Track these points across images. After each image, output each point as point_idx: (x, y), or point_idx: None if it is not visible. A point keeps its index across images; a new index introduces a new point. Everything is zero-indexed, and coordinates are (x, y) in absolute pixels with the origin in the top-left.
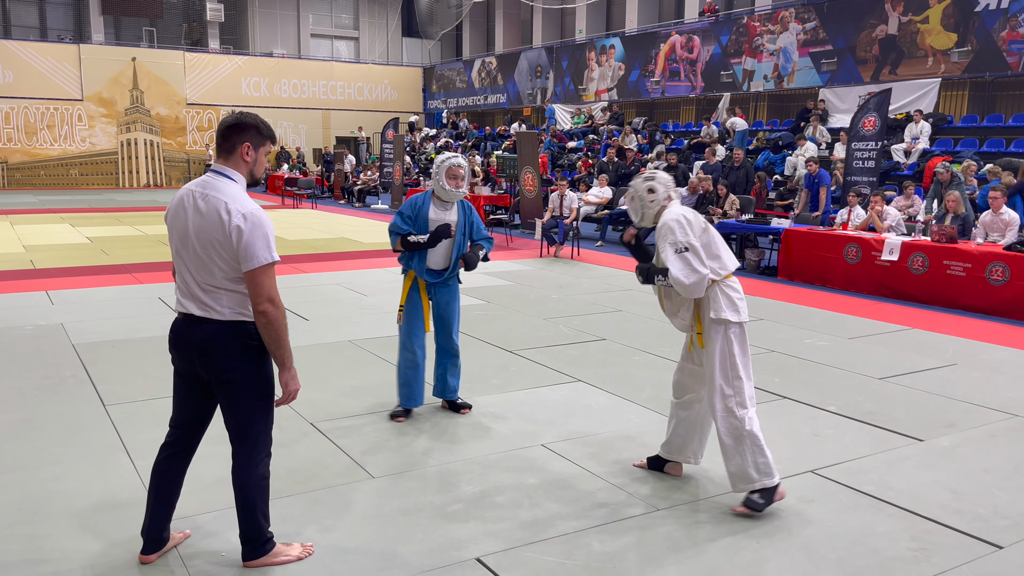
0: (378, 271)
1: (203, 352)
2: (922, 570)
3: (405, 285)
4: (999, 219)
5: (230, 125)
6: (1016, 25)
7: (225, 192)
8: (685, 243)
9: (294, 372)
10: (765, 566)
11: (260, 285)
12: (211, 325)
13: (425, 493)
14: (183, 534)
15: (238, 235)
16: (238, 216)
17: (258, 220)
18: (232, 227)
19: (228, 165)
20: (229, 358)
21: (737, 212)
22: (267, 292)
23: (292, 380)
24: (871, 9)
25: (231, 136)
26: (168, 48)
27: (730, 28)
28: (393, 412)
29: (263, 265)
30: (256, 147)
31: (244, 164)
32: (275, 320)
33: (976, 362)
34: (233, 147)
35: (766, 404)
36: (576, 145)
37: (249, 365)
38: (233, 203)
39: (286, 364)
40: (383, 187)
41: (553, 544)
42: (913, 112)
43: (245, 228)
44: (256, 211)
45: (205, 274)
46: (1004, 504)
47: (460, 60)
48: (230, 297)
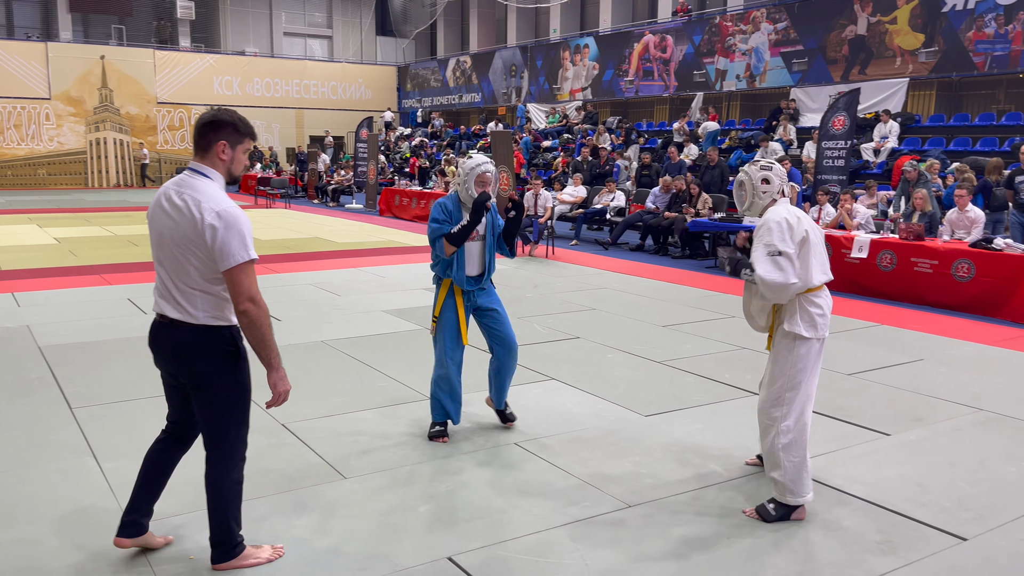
0: (352, 271)
1: (177, 356)
2: (888, 563)
3: (440, 296)
4: (965, 217)
5: (207, 122)
6: (982, 26)
7: (200, 190)
8: (779, 248)
9: (283, 373)
10: (733, 561)
11: (239, 284)
12: (185, 329)
13: (398, 493)
14: (165, 539)
15: (212, 234)
16: (211, 215)
17: (233, 218)
18: (206, 226)
19: (204, 163)
20: (203, 363)
21: (710, 211)
22: (247, 291)
23: (281, 381)
24: (840, 10)
25: (207, 134)
26: (138, 46)
27: (703, 28)
28: (434, 432)
29: (240, 264)
30: (233, 145)
31: (221, 162)
32: (257, 319)
33: (943, 357)
34: (209, 145)
35: (738, 400)
36: (551, 144)
37: (223, 371)
38: (207, 201)
39: (273, 364)
40: (357, 186)
41: (526, 543)
42: (881, 112)
43: (219, 226)
44: (231, 209)
45: (181, 275)
46: (969, 497)
47: (435, 59)
48: (204, 300)
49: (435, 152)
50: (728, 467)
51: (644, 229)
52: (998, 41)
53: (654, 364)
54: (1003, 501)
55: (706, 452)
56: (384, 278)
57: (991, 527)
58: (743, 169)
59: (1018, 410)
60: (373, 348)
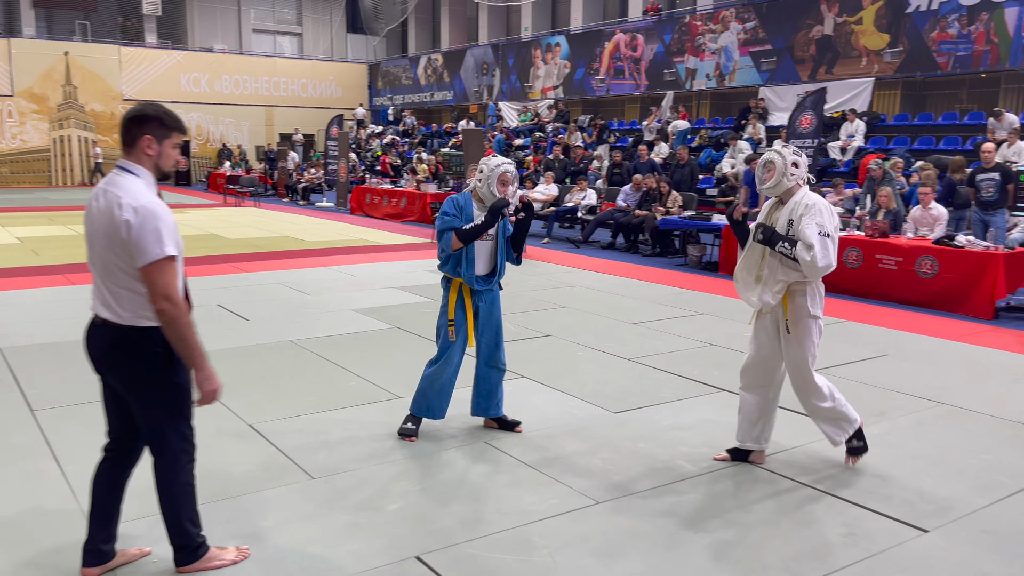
0: (322, 270)
1: (107, 358)
2: (852, 554)
3: (451, 297)
4: (928, 214)
5: (131, 118)
6: (945, 26)
7: (121, 187)
8: (830, 230)
9: (209, 371)
10: (701, 556)
11: (154, 283)
12: (114, 330)
13: (365, 493)
14: (140, 551)
15: (127, 229)
16: (128, 210)
17: (150, 213)
18: (122, 221)
19: (130, 159)
20: (132, 365)
21: (680, 209)
22: (162, 289)
23: (206, 380)
24: (808, 10)
25: (132, 129)
26: (103, 42)
27: (673, 27)
28: (403, 431)
29: (155, 261)
30: (160, 139)
31: (147, 157)
32: (174, 319)
33: (906, 352)
34: (134, 140)
35: (707, 396)
36: (523, 142)
37: (154, 373)
38: (126, 197)
39: (197, 364)
40: (328, 184)
41: (495, 540)
42: (848, 111)
43: (135, 222)
44: (150, 204)
45: (108, 274)
46: (930, 489)
47: (406, 57)
48: (130, 299)
49: (407, 150)
50: (696, 463)
51: (615, 227)
52: (961, 42)
53: (624, 361)
54: (963, 493)
55: (674, 448)
56: (355, 277)
57: (952, 519)
58: (774, 150)
59: (978, 404)
60: (343, 347)
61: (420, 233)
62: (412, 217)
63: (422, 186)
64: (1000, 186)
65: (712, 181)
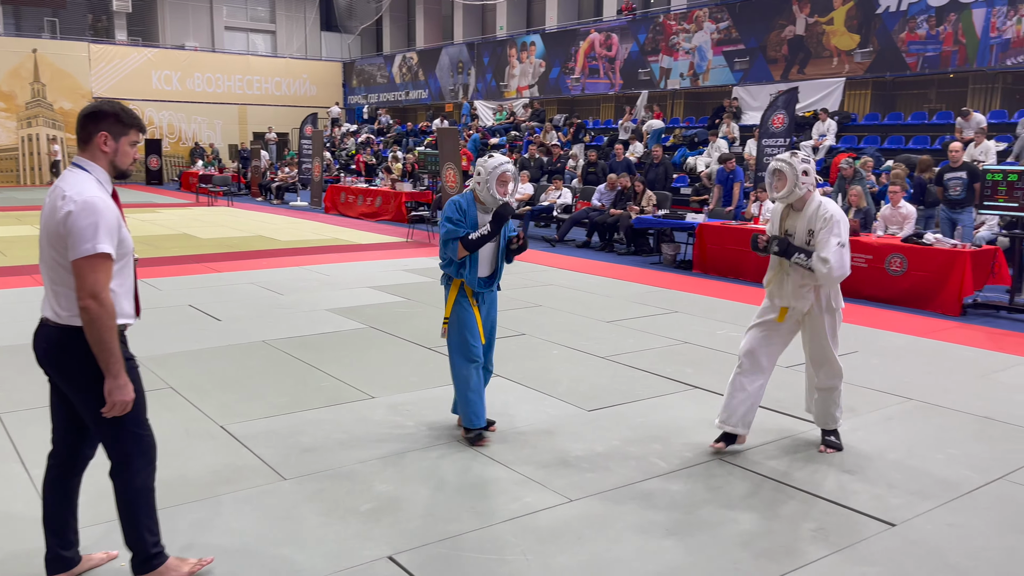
0: (296, 269)
1: (50, 359)
2: (821, 549)
3: (451, 296)
4: (897, 212)
5: (87, 114)
6: (914, 27)
7: (69, 182)
8: (845, 240)
9: (122, 381)
10: (674, 552)
11: (83, 278)
12: (54, 329)
13: (338, 493)
14: (107, 555)
15: (65, 221)
16: (70, 203)
17: (90, 207)
18: (63, 214)
19: (85, 156)
20: (75, 366)
21: (654, 208)
22: (90, 287)
23: (117, 389)
24: (780, 10)
25: (87, 126)
26: (72, 39)
27: (647, 27)
28: (474, 436)
29: (86, 256)
30: (116, 136)
31: (103, 155)
32: (97, 319)
33: (875, 349)
34: (90, 137)
35: (680, 394)
36: (499, 141)
37: (98, 374)
38: (70, 191)
39: (112, 371)
40: (302, 183)
41: (468, 540)
42: (819, 111)
43: (74, 213)
44: (93, 199)
45: (53, 272)
46: (897, 483)
47: (381, 55)
48: (69, 297)
49: (381, 149)
50: (669, 460)
51: (590, 226)
52: (929, 42)
53: (598, 360)
54: (929, 487)
55: (647, 446)
56: (329, 277)
57: (918, 513)
58: (781, 159)
59: (945, 399)
60: (316, 347)
61: (395, 232)
62: (387, 216)
63: (397, 185)
64: (967, 185)
65: (686, 180)
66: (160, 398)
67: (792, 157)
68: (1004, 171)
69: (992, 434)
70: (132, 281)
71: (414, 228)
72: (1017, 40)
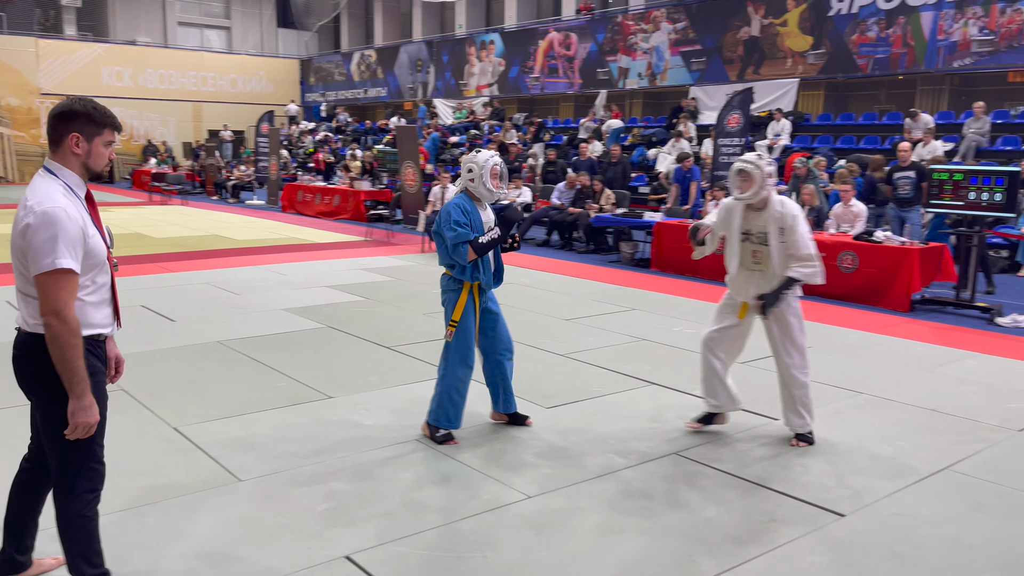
0: (252, 269)
1: (14, 364)
2: (773, 539)
3: (463, 300)
4: (849, 211)
5: (57, 114)
6: (865, 29)
7: (35, 189)
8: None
9: (86, 403)
10: (631, 546)
11: (44, 294)
12: (20, 337)
13: (295, 494)
14: (57, 560)
15: (24, 233)
16: (30, 214)
17: (50, 220)
18: (22, 226)
19: (56, 159)
20: (32, 375)
21: (612, 206)
22: (51, 303)
23: (81, 411)
24: (735, 11)
25: (58, 126)
26: (19, 34)
27: (605, 26)
28: (443, 436)
29: (46, 272)
30: (89, 137)
31: (74, 157)
32: (59, 336)
33: (828, 345)
34: (60, 138)
35: (638, 390)
36: (459, 140)
37: (55, 386)
38: (32, 199)
39: (75, 391)
40: (259, 182)
41: (426, 538)
42: (774, 111)
43: (32, 226)
44: (53, 210)
45: (20, 279)
46: (846, 474)
47: (339, 53)
48: (34, 306)
49: (340, 147)
50: (627, 456)
51: (550, 225)
52: (880, 44)
53: (557, 357)
54: (877, 478)
55: (606, 442)
56: (286, 276)
57: (867, 503)
58: (748, 160)
59: (894, 393)
60: (272, 348)
61: (354, 231)
62: (346, 215)
63: (356, 183)
64: (916, 184)
65: (644, 179)
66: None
67: (759, 159)
68: (950, 170)
69: (938, 426)
70: (107, 290)
71: (373, 227)
72: (964, 43)
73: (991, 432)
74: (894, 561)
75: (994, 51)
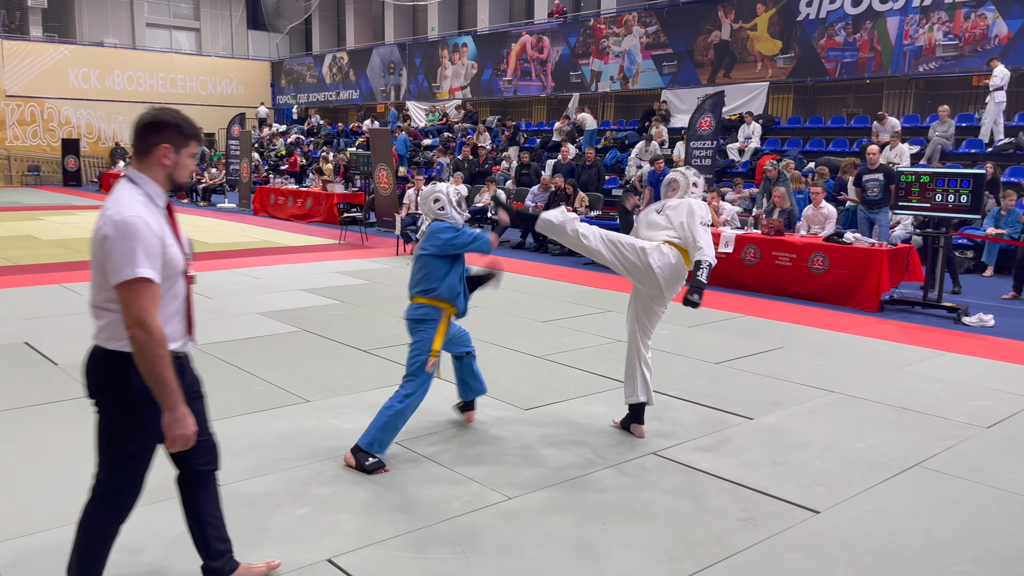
0: (224, 272)
1: (85, 376)
2: (750, 537)
3: (442, 328)
4: (819, 213)
5: (146, 124)
6: (833, 34)
7: (115, 199)
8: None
9: (179, 415)
10: (610, 545)
11: (126, 304)
12: (94, 351)
13: (275, 498)
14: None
15: (102, 244)
16: (108, 224)
17: (130, 230)
18: (101, 236)
19: (141, 169)
20: (100, 389)
21: (586, 209)
22: (134, 314)
23: (176, 423)
24: (706, 16)
25: (147, 136)
26: None
27: (578, 30)
28: (374, 465)
29: (125, 281)
30: (178, 148)
31: (161, 168)
32: (145, 348)
33: (800, 344)
34: (149, 148)
35: (614, 391)
36: (432, 143)
37: (117, 404)
38: (111, 209)
39: (168, 403)
40: (230, 185)
41: (407, 540)
42: (745, 114)
43: (112, 236)
44: (131, 219)
45: (96, 292)
46: (821, 472)
47: (310, 55)
48: (108, 320)
49: (312, 149)
50: (604, 456)
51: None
52: (847, 49)
53: (533, 359)
54: (851, 475)
55: (584, 443)
56: (259, 280)
57: (841, 500)
58: (678, 170)
59: (864, 391)
60: (247, 352)
61: (327, 234)
62: (319, 218)
63: (329, 186)
64: (884, 186)
65: (617, 182)
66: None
67: (687, 169)
68: (917, 173)
69: (908, 423)
70: (182, 302)
71: (346, 230)
72: (929, 47)
73: (959, 429)
74: (869, 556)
75: (958, 56)
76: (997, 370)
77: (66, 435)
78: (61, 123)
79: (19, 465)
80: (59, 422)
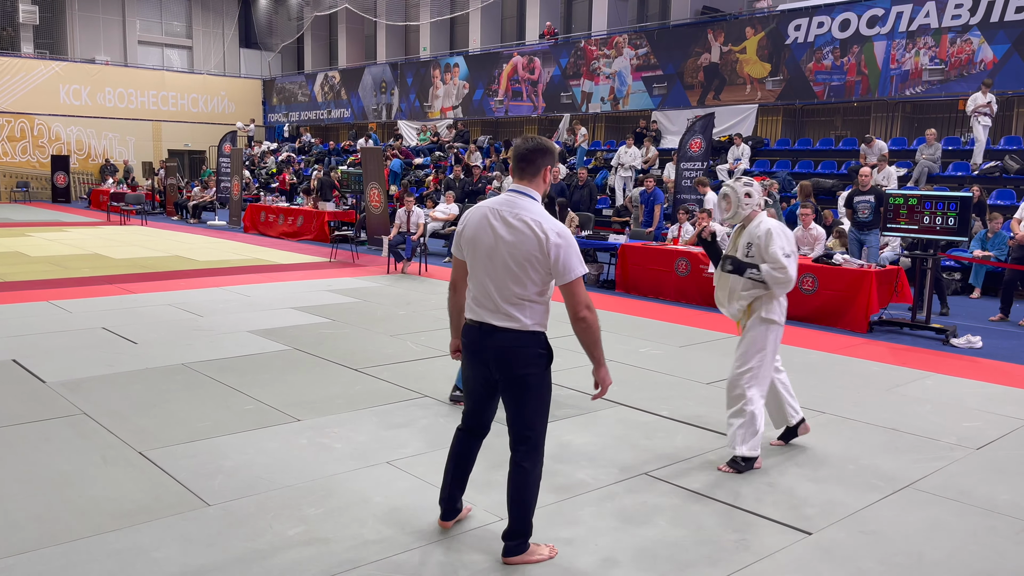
0: (215, 290)
1: (500, 357)
2: (743, 558)
3: None
4: (808, 234)
5: (535, 149)
6: (821, 57)
7: (533, 211)
8: (791, 250)
9: (606, 369)
10: (603, 567)
11: (577, 295)
12: (511, 334)
13: (264, 518)
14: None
15: (556, 252)
16: (554, 235)
17: (570, 238)
18: (551, 245)
19: (530, 186)
20: (525, 364)
21: (577, 228)
22: (585, 300)
23: (607, 374)
24: (696, 38)
25: (536, 159)
26: None
27: (569, 51)
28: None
29: (576, 278)
30: (552, 167)
31: (543, 184)
32: (594, 324)
33: (789, 365)
34: (539, 169)
35: (606, 411)
36: (423, 162)
37: (541, 370)
38: (545, 223)
39: (600, 360)
40: (220, 202)
41: (399, 560)
42: (734, 135)
43: (562, 245)
44: (565, 230)
45: (516, 287)
46: (812, 494)
47: (302, 73)
48: (533, 310)
49: (303, 167)
50: (596, 477)
51: None
52: (835, 72)
53: None
54: (841, 496)
55: (574, 463)
56: (250, 297)
57: (832, 521)
58: (728, 184)
59: (855, 412)
60: (239, 370)
61: (318, 252)
62: (309, 235)
63: (320, 204)
64: (874, 208)
65: (608, 202)
66: (73, 424)
67: (735, 182)
68: (905, 195)
69: (899, 445)
70: None
71: (337, 248)
72: (915, 71)
73: (949, 450)
74: None
75: (944, 80)
76: (986, 391)
77: (53, 454)
78: (51, 139)
79: (5, 484)
80: (47, 441)
